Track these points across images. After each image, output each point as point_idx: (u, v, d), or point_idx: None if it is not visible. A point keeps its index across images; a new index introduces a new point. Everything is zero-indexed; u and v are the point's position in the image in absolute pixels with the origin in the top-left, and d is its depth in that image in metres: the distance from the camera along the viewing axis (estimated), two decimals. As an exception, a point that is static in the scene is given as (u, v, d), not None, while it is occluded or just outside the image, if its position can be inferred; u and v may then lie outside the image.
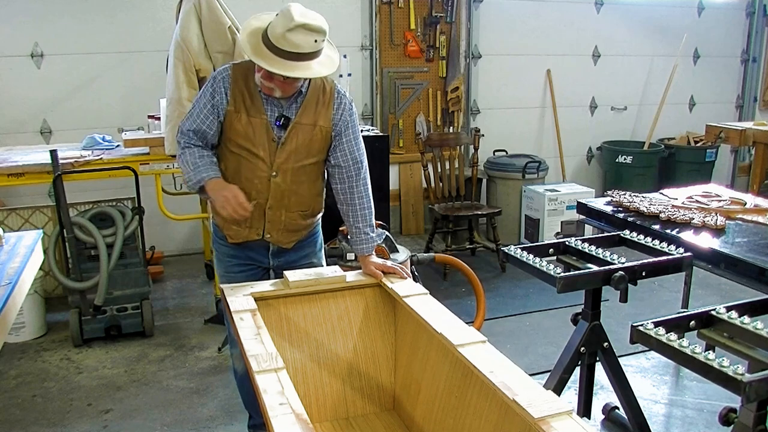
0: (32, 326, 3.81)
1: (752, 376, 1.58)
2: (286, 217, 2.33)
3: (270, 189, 2.27)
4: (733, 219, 2.73)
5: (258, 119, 2.21)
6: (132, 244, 3.81)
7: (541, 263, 2.33)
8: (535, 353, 3.62)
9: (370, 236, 2.38)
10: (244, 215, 2.21)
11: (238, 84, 2.22)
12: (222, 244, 2.42)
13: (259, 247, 2.40)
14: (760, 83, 6.93)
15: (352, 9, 5.37)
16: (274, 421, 1.42)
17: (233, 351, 2.53)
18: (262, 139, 2.22)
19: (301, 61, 2.07)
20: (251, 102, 2.21)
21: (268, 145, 2.23)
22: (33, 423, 2.99)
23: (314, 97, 2.26)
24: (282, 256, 2.43)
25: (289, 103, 2.24)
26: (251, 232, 2.34)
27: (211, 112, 2.23)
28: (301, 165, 2.28)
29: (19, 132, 4.63)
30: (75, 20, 4.66)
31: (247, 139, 2.22)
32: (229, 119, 2.23)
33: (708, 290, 4.24)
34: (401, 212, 5.69)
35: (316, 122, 2.26)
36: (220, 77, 2.23)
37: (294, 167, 2.27)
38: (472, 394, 1.74)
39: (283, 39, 2.03)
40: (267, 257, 2.42)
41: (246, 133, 2.22)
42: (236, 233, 2.35)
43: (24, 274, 2.15)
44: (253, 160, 2.24)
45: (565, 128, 6.12)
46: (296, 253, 2.44)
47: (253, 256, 2.42)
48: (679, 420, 3.05)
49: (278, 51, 2.05)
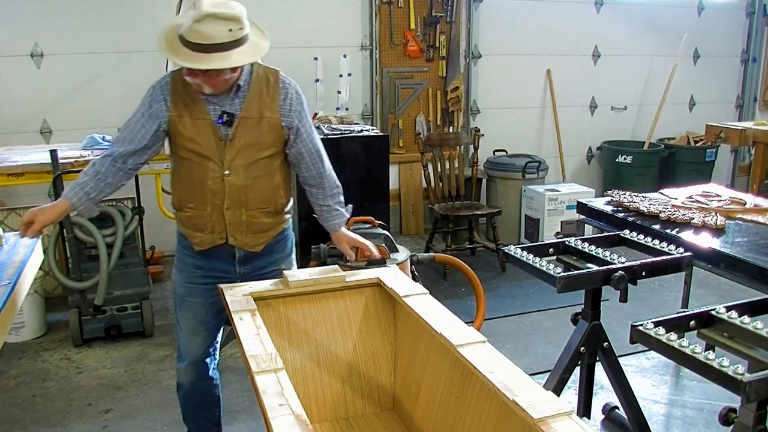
0: (32, 326, 3.81)
1: (752, 376, 1.58)
2: (246, 216, 2.25)
3: (225, 189, 2.20)
4: (733, 219, 2.73)
5: (202, 120, 2.16)
6: (132, 244, 3.81)
7: (541, 263, 2.33)
8: (535, 353, 3.62)
9: (341, 212, 2.42)
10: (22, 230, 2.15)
11: (177, 89, 2.17)
12: (187, 254, 2.34)
13: (226, 255, 2.32)
14: (760, 83, 6.93)
15: (352, 9, 5.37)
16: (274, 422, 1.42)
17: (179, 365, 2.46)
18: (208, 140, 2.16)
19: (216, 52, 1.99)
20: (193, 104, 2.16)
21: (216, 145, 2.17)
22: (33, 423, 2.99)
23: (257, 89, 2.20)
24: (249, 262, 2.35)
25: (230, 98, 2.17)
26: (215, 236, 2.27)
27: (147, 120, 2.18)
28: (254, 160, 2.21)
29: (19, 132, 4.63)
30: (75, 20, 4.66)
31: (194, 141, 2.17)
32: (173, 125, 2.17)
33: (708, 290, 4.24)
34: (401, 212, 5.69)
35: (262, 114, 2.20)
36: (158, 85, 2.20)
37: (246, 163, 2.20)
38: (472, 395, 1.74)
39: (192, 31, 1.97)
40: (233, 265, 2.34)
41: (192, 136, 2.17)
42: (201, 240, 2.28)
43: (24, 274, 2.15)
44: (203, 163, 2.18)
45: (565, 128, 6.12)
46: (265, 259, 2.36)
47: (218, 266, 2.33)
48: (679, 420, 3.05)
49: (190, 44, 1.99)
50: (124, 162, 2.21)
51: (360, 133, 4.22)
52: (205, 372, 2.47)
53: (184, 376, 2.46)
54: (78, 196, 2.18)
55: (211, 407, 2.56)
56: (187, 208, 2.27)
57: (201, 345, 2.42)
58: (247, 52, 2.07)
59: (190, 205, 2.26)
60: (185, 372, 2.45)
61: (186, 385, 2.48)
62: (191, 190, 2.23)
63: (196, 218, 2.26)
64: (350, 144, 4.11)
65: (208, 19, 1.97)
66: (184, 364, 2.44)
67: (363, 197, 4.11)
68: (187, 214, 2.28)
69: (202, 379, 2.47)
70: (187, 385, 2.48)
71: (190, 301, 2.37)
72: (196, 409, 2.55)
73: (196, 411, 2.55)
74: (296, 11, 5.15)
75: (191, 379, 2.45)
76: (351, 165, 4.11)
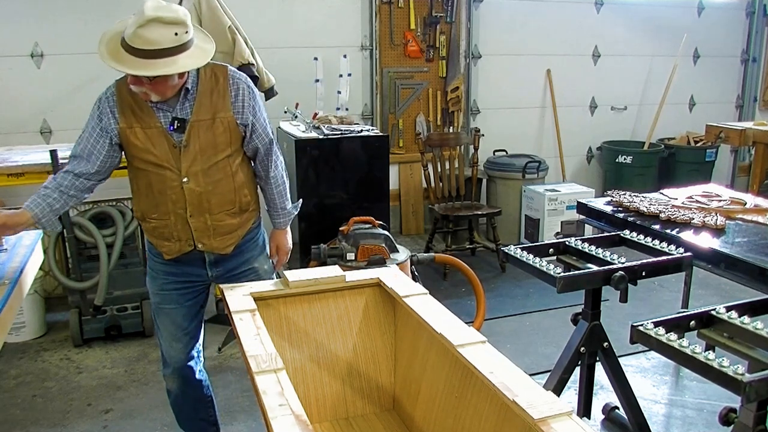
0: (32, 326, 3.81)
1: (752, 376, 1.58)
2: (212, 221, 2.22)
3: (185, 196, 2.16)
4: (733, 219, 2.72)
5: (153, 129, 2.10)
6: (132, 244, 3.81)
7: (541, 263, 2.33)
8: (535, 353, 3.62)
9: (288, 210, 2.44)
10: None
11: (124, 99, 2.10)
12: (158, 261, 2.31)
13: (196, 260, 2.29)
14: (760, 83, 6.93)
15: (352, 9, 5.36)
16: (274, 422, 1.42)
17: (165, 371, 2.45)
18: (162, 148, 2.11)
19: (162, 58, 1.92)
20: (142, 113, 2.10)
21: (171, 153, 2.11)
22: (33, 423, 2.99)
23: (207, 90, 2.13)
24: (221, 264, 2.33)
25: (179, 103, 2.11)
26: (182, 244, 2.23)
27: (100, 135, 2.12)
28: (212, 164, 2.16)
29: (19, 132, 4.63)
30: (75, 20, 4.65)
31: (148, 152, 2.11)
32: (124, 137, 2.11)
33: (708, 290, 4.24)
34: (401, 212, 5.69)
35: (214, 115, 2.14)
36: (104, 97, 2.13)
37: (204, 168, 2.15)
38: (471, 395, 1.74)
39: (136, 36, 1.89)
40: (205, 269, 2.32)
41: (145, 146, 2.11)
42: (169, 249, 2.25)
43: (24, 274, 2.15)
44: (160, 172, 2.13)
45: (565, 128, 6.12)
46: (236, 259, 2.34)
47: (190, 271, 2.31)
48: (679, 420, 3.05)
49: (134, 50, 1.91)
50: (87, 179, 2.17)
51: (360, 133, 4.22)
52: (191, 375, 2.46)
53: (171, 382, 2.46)
54: (40, 208, 2.09)
55: (204, 408, 2.56)
56: (150, 218, 2.22)
57: (183, 350, 2.40)
58: (193, 56, 2.00)
59: (152, 216, 2.21)
60: (171, 378, 2.44)
61: (174, 391, 2.48)
62: (152, 201, 2.18)
63: (161, 228, 2.22)
64: (350, 144, 4.11)
65: (153, 23, 1.89)
66: (169, 370, 2.43)
67: (363, 197, 4.11)
68: (151, 224, 2.23)
69: (189, 383, 2.46)
70: (176, 391, 2.47)
71: (166, 307, 2.34)
72: (190, 412, 2.54)
73: (190, 414, 2.55)
74: (296, 11, 5.15)
75: (178, 384, 2.45)
76: (351, 165, 4.11)
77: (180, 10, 1.96)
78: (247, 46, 3.67)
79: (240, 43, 3.62)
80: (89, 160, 2.15)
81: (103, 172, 2.20)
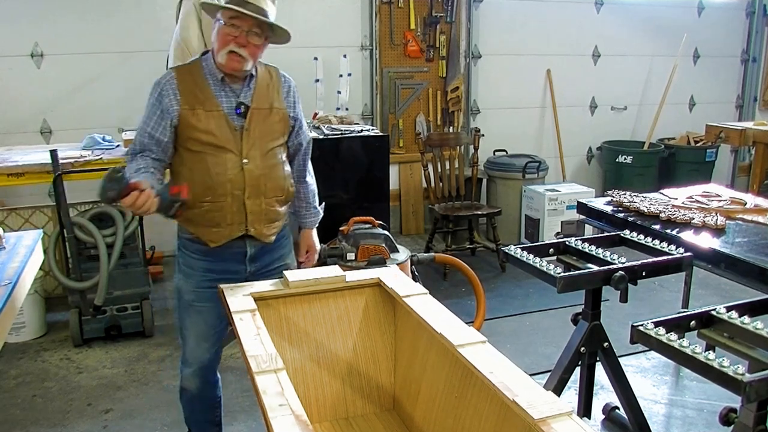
0: (32, 326, 3.81)
1: (752, 376, 1.58)
2: (265, 204, 2.28)
3: (245, 178, 2.21)
4: (733, 219, 2.72)
5: (215, 112, 2.18)
6: (132, 244, 3.81)
7: (541, 263, 2.33)
8: (535, 353, 3.62)
9: (318, 210, 2.55)
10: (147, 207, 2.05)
11: (185, 83, 2.18)
12: (196, 257, 2.31)
13: (237, 254, 2.31)
14: (760, 83, 6.93)
15: (352, 9, 5.37)
16: (274, 422, 1.42)
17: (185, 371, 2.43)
18: (224, 131, 2.18)
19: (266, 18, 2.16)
20: (204, 96, 2.18)
21: (232, 135, 2.19)
22: (33, 423, 2.99)
23: (264, 82, 2.28)
24: (258, 259, 2.35)
25: (243, 89, 2.23)
26: (233, 229, 2.26)
27: (161, 117, 2.17)
28: (269, 149, 2.27)
29: (19, 132, 4.63)
30: (75, 20, 4.66)
31: (209, 133, 2.18)
32: (185, 119, 2.17)
33: (708, 290, 4.24)
34: (401, 212, 5.69)
35: (271, 105, 2.27)
36: (164, 81, 2.19)
37: (262, 152, 2.24)
38: (472, 395, 1.74)
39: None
40: (244, 264, 2.33)
41: (207, 128, 2.17)
42: (218, 235, 2.25)
43: (24, 274, 2.15)
44: (219, 154, 2.18)
45: (565, 128, 6.12)
46: (271, 255, 2.38)
47: (228, 267, 2.32)
48: (679, 420, 3.05)
49: (245, 4, 2.11)
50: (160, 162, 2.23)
51: (360, 133, 4.22)
52: (211, 375, 2.46)
53: (191, 382, 2.43)
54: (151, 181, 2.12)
55: (214, 409, 2.56)
56: (203, 202, 2.22)
57: (209, 350, 2.40)
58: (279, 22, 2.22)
59: (206, 199, 2.21)
60: (191, 378, 2.42)
61: (192, 391, 2.45)
62: (207, 183, 2.20)
63: (213, 211, 2.22)
64: (350, 144, 4.11)
65: None
66: (191, 370, 2.41)
67: (363, 197, 4.11)
68: (203, 209, 2.23)
69: (207, 382, 2.46)
70: (193, 391, 2.45)
71: (200, 306, 2.33)
72: (201, 412, 2.53)
73: (200, 414, 2.54)
74: (296, 11, 5.15)
75: (197, 384, 2.43)
76: (351, 165, 4.11)
77: None
78: (247, 46, 3.68)
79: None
80: (159, 144, 2.20)
81: (165, 159, 2.24)
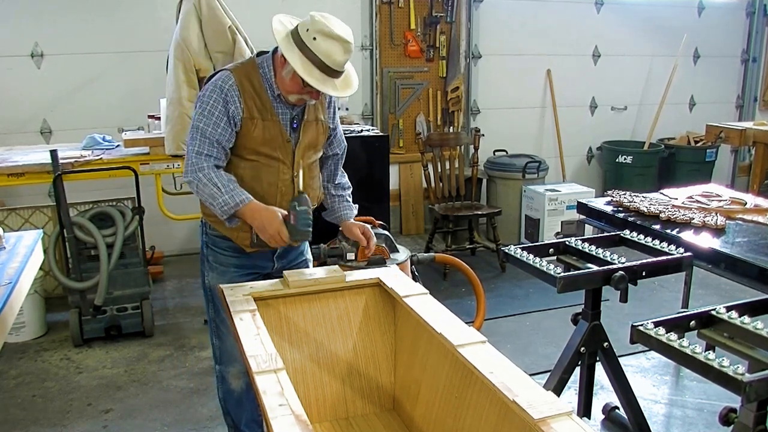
0: (32, 326, 3.81)
1: (752, 376, 1.58)
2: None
3: (294, 188, 2.24)
4: (733, 219, 2.73)
5: (271, 122, 2.17)
6: (132, 244, 3.81)
7: (541, 263, 2.33)
8: (535, 353, 3.62)
9: (351, 203, 2.54)
10: (280, 245, 2.13)
11: (246, 90, 2.15)
12: (228, 254, 2.32)
13: (268, 252, 2.34)
14: (760, 83, 6.93)
15: (352, 9, 5.37)
16: (274, 422, 1.42)
17: (230, 370, 2.39)
18: (278, 142, 2.19)
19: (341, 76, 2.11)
20: (263, 106, 2.16)
21: (285, 147, 2.20)
22: (33, 423, 2.99)
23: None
24: (285, 256, 2.40)
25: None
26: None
27: (228, 124, 2.13)
28: (313, 161, 2.31)
29: (19, 132, 4.63)
30: (75, 20, 4.66)
31: (265, 143, 2.18)
32: (245, 127, 2.15)
33: (708, 290, 4.24)
34: (401, 212, 5.69)
35: (317, 117, 2.29)
36: (227, 86, 2.12)
37: (308, 164, 2.27)
38: (472, 395, 1.74)
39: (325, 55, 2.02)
40: (272, 261, 2.37)
41: (264, 137, 2.17)
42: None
43: (24, 274, 2.15)
44: (273, 164, 2.20)
45: (565, 128, 6.12)
46: (295, 251, 2.43)
47: (258, 263, 2.35)
48: (679, 420, 3.05)
49: (320, 63, 2.03)
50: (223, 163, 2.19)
51: (360, 133, 4.22)
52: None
53: (238, 380, 2.39)
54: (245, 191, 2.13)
55: (257, 407, 2.47)
56: None
57: None
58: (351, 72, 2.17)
59: None
60: (239, 376, 2.38)
61: (239, 390, 2.42)
62: (257, 191, 2.19)
63: None
64: (350, 144, 4.05)
65: (341, 44, 2.03)
66: (236, 369, 2.37)
67: (363, 197, 4.08)
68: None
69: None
70: (243, 388, 2.41)
71: None
72: (250, 411, 2.47)
73: (250, 413, 2.47)
74: (296, 11, 5.12)
75: (245, 381, 2.39)
76: (351, 165, 4.06)
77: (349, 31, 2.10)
78: (247, 45, 3.67)
79: (240, 43, 3.62)
80: (224, 152, 2.16)
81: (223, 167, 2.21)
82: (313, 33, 2.03)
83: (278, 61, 2.14)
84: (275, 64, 2.16)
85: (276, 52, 2.16)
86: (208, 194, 2.10)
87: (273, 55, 2.18)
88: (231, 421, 2.51)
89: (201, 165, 2.11)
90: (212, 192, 2.09)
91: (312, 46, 2.02)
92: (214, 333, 2.41)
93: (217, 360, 2.42)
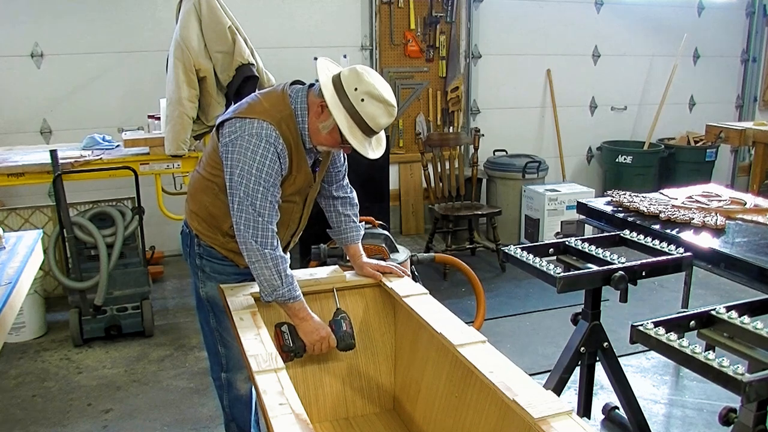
0: (32, 326, 3.81)
1: (752, 376, 1.58)
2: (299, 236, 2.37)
3: (301, 222, 2.29)
4: (733, 219, 2.73)
5: (304, 173, 2.13)
6: (132, 244, 3.81)
7: (541, 263, 2.33)
8: (535, 353, 3.62)
9: (358, 223, 2.41)
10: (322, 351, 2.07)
11: (288, 143, 2.03)
12: (227, 264, 2.26)
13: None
14: (760, 83, 6.93)
15: (352, 9, 5.37)
16: (274, 421, 1.42)
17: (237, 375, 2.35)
18: (303, 188, 2.18)
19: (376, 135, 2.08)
20: (299, 158, 2.09)
21: (305, 191, 2.21)
22: (33, 423, 2.99)
23: None
24: None
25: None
26: None
27: (277, 180, 2.03)
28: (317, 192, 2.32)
29: (19, 132, 4.63)
30: (75, 20, 4.66)
31: (294, 193, 2.16)
32: (286, 182, 2.10)
33: (708, 290, 4.24)
34: (401, 212, 5.69)
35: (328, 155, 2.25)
36: (272, 141, 1.98)
37: (314, 197, 2.31)
38: (472, 394, 1.74)
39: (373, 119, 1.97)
40: None
41: (295, 188, 2.15)
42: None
43: (24, 274, 2.15)
44: (290, 206, 2.19)
45: (565, 128, 6.12)
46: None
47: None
48: (679, 420, 3.05)
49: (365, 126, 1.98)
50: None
51: (360, 133, 4.21)
52: None
53: (246, 383, 2.36)
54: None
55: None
56: None
57: None
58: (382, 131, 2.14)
59: None
60: (247, 379, 2.34)
61: (247, 395, 2.39)
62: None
63: None
64: (350, 144, 4.11)
65: (387, 108, 1.97)
66: (244, 374, 2.33)
67: (363, 197, 4.07)
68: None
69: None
70: (249, 394, 2.39)
71: None
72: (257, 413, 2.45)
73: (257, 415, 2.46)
74: (296, 11, 5.15)
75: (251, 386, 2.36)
76: (351, 165, 4.09)
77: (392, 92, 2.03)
78: (247, 46, 3.67)
79: (240, 43, 3.62)
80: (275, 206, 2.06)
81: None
82: (361, 94, 1.95)
83: (314, 107, 2.03)
84: (309, 109, 2.04)
85: (310, 88, 2.07)
86: (265, 275, 2.00)
87: (307, 97, 2.06)
88: (237, 427, 2.46)
89: (273, 243, 2.01)
90: (271, 276, 1.99)
91: (359, 107, 1.95)
92: (219, 342, 2.34)
93: (223, 368, 2.36)
